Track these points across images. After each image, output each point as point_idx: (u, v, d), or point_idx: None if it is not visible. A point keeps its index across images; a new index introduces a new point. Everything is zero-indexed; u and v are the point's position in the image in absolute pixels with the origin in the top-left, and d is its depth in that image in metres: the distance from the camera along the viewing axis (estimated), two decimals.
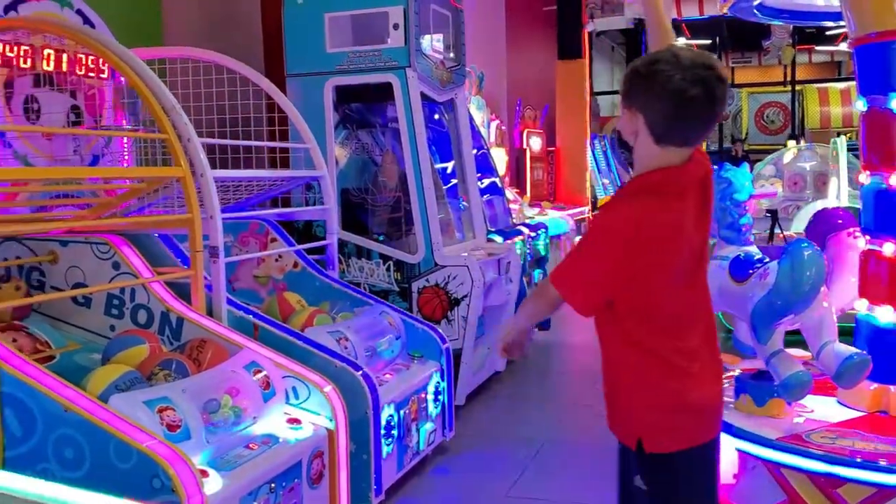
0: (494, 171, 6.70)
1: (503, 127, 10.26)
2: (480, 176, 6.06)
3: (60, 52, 3.75)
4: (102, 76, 4.02)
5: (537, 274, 6.41)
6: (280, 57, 5.03)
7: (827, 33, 13.47)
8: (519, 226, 6.57)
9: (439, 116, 5.69)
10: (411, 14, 4.72)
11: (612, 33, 16.68)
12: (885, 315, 3.02)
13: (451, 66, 5.37)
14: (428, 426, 3.86)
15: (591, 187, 12.79)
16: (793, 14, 3.91)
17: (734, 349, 3.37)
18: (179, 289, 3.21)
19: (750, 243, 3.17)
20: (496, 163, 7.27)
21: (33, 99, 3.70)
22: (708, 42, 15.97)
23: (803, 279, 2.68)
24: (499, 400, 5.10)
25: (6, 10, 3.54)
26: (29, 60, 3.63)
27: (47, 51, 3.69)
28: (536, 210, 9.51)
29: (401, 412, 3.58)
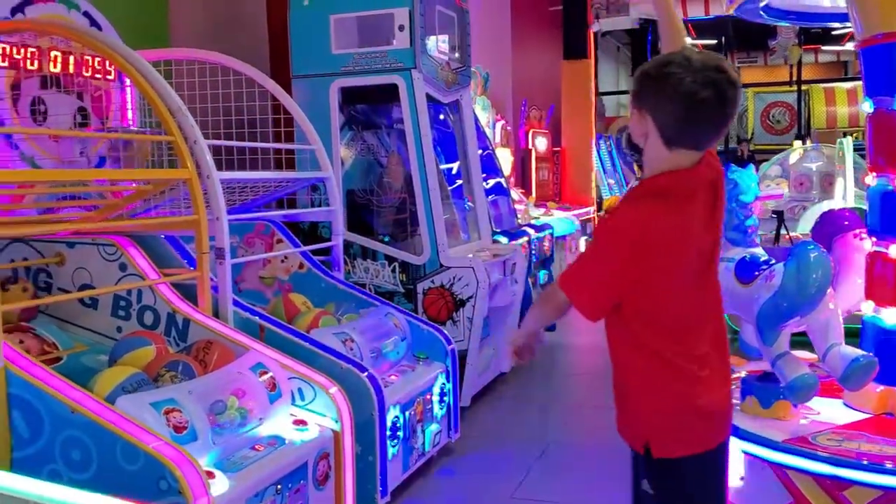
0: (499, 172, 6.71)
1: (508, 127, 10.26)
2: (485, 176, 6.06)
3: (67, 54, 3.76)
4: (109, 78, 4.03)
5: (542, 275, 6.41)
6: (286, 58, 5.04)
7: (833, 33, 13.46)
8: (524, 226, 6.58)
9: (444, 117, 5.69)
10: (417, 15, 4.72)
11: (618, 33, 16.67)
12: (892, 317, 3.01)
13: (457, 68, 5.37)
14: (433, 427, 3.87)
15: (597, 187, 12.78)
16: (799, 15, 3.90)
17: (740, 351, 3.36)
18: (186, 290, 3.22)
19: (756, 245, 3.16)
20: (501, 163, 7.28)
21: (40, 101, 3.71)
22: (713, 42, 15.95)
23: (809, 281, 2.67)
24: (504, 401, 5.10)
25: (13, 13, 3.55)
26: (36, 62, 3.64)
27: (54, 53, 3.70)
28: (542, 210, 9.51)
29: (406, 413, 3.58)
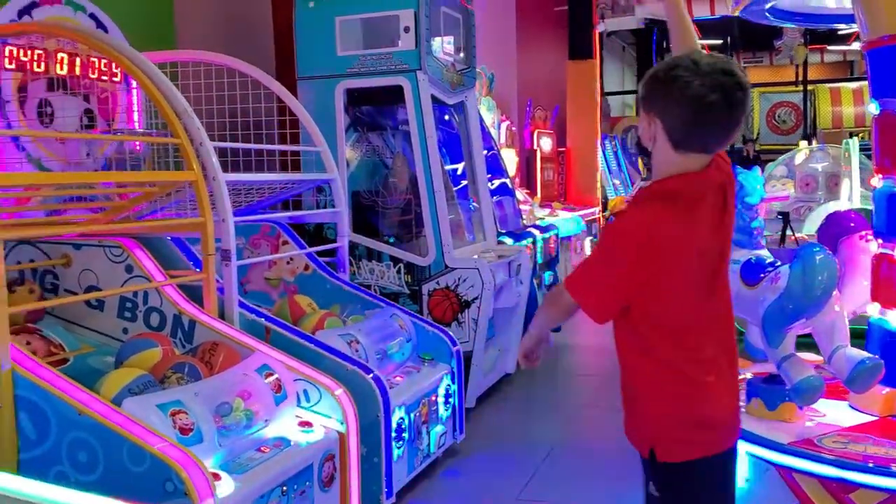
0: (504, 172, 6.71)
1: (513, 128, 10.26)
2: (490, 177, 6.06)
3: (74, 56, 3.78)
4: (115, 80, 4.04)
5: (547, 276, 6.41)
6: (291, 60, 5.05)
7: (839, 33, 13.41)
8: (529, 227, 6.57)
9: (449, 117, 5.69)
10: (422, 17, 4.73)
11: (623, 33, 16.66)
12: None
13: (462, 69, 5.37)
14: (438, 429, 3.87)
15: (602, 188, 12.77)
16: (805, 16, 3.89)
17: (745, 352, 3.35)
18: (191, 292, 3.23)
19: (761, 247, 3.16)
20: (506, 164, 7.28)
21: (47, 103, 3.73)
22: (719, 42, 15.94)
23: (815, 283, 2.67)
24: (509, 402, 5.10)
25: (20, 15, 3.57)
26: (42, 64, 3.66)
27: (61, 55, 3.72)
28: (547, 211, 9.50)
29: (411, 415, 3.59)
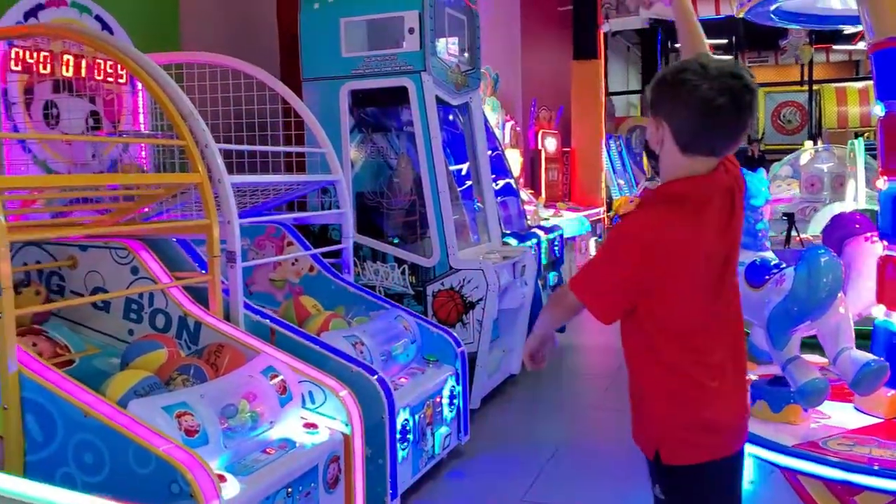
0: (509, 173, 6.71)
1: (518, 128, 10.26)
2: (495, 177, 6.05)
3: (79, 58, 3.79)
4: (121, 82, 4.06)
5: (552, 277, 6.41)
6: (296, 61, 5.06)
7: (844, 32, 13.38)
8: (534, 228, 6.57)
9: (454, 117, 5.69)
10: (426, 18, 4.73)
11: (628, 33, 16.65)
12: None
13: (467, 70, 5.38)
14: (443, 430, 3.88)
15: (607, 188, 12.77)
16: (809, 18, 3.89)
17: (750, 354, 3.35)
18: (197, 293, 3.24)
19: (766, 249, 3.16)
20: (511, 164, 7.28)
21: (53, 104, 3.74)
22: (724, 41, 15.92)
23: (820, 286, 2.67)
24: (514, 403, 5.10)
25: (26, 17, 3.58)
26: (49, 66, 3.68)
27: (66, 56, 3.73)
28: (552, 211, 9.50)
29: (416, 416, 3.59)
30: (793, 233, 6.81)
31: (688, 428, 1.86)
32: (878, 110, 3.11)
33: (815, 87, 16.07)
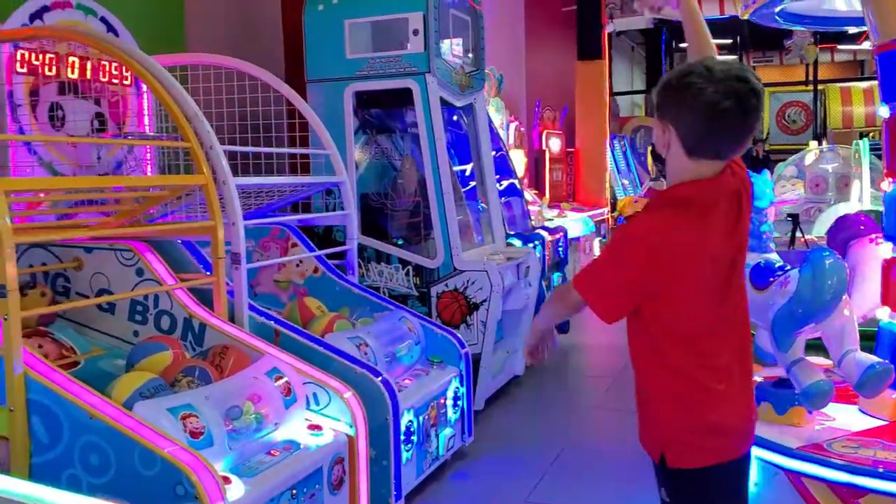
0: (513, 173, 6.71)
1: (522, 128, 10.26)
2: (499, 178, 6.05)
3: (85, 60, 3.80)
4: (126, 83, 4.07)
5: (556, 277, 6.41)
6: (301, 63, 5.06)
7: (849, 32, 13.36)
8: (538, 229, 6.57)
9: (458, 118, 5.69)
10: (431, 20, 4.73)
11: (632, 33, 16.65)
12: None
13: (471, 71, 5.38)
14: (447, 431, 3.88)
15: (611, 188, 12.76)
16: (814, 19, 3.88)
17: (755, 356, 3.34)
18: (202, 294, 3.24)
19: (770, 250, 3.16)
20: (515, 164, 7.28)
21: (58, 106, 3.75)
22: (729, 41, 15.91)
23: (825, 288, 2.67)
24: (518, 404, 5.10)
25: (31, 19, 3.59)
26: (54, 68, 3.69)
27: (72, 58, 3.75)
28: (556, 212, 9.50)
29: (420, 418, 3.59)
30: (797, 234, 6.79)
31: (693, 431, 1.86)
32: (884, 112, 3.10)
33: (820, 87, 16.04)
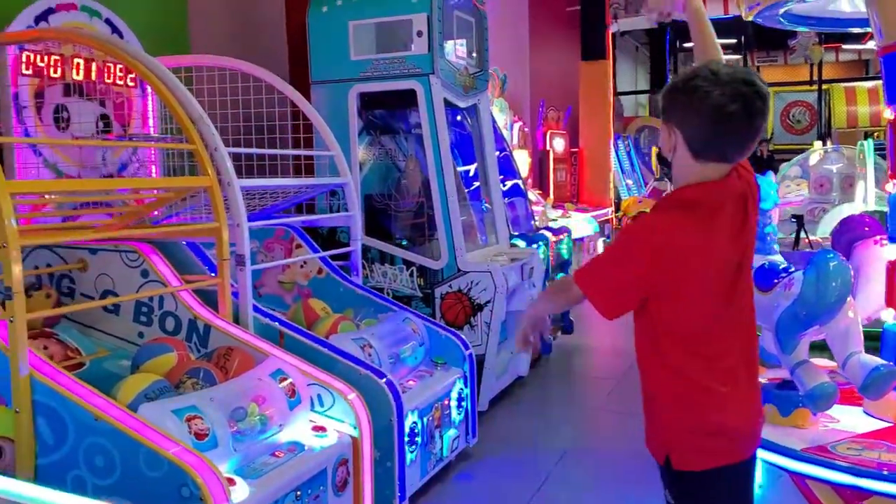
0: (517, 174, 6.71)
1: (526, 128, 10.26)
2: (503, 178, 6.06)
3: (90, 62, 3.82)
4: (130, 85, 4.08)
5: (560, 278, 6.40)
6: (305, 64, 5.08)
7: (853, 32, 13.32)
8: (542, 229, 6.57)
9: (462, 118, 5.70)
10: (435, 21, 4.74)
11: (636, 33, 16.60)
12: None
13: (475, 72, 5.38)
14: (451, 433, 3.88)
15: (615, 188, 12.76)
16: (818, 20, 3.88)
17: (759, 358, 3.34)
18: (206, 296, 3.25)
19: (774, 252, 3.16)
20: (519, 165, 7.28)
21: (63, 108, 3.76)
22: (733, 41, 15.87)
23: (829, 290, 2.66)
24: (522, 405, 5.10)
25: (37, 21, 3.61)
26: (59, 70, 3.70)
27: (77, 60, 3.76)
28: (560, 212, 9.50)
29: (424, 419, 3.60)
30: (802, 235, 6.78)
31: (694, 432, 1.87)
32: (888, 114, 3.10)
33: (825, 87, 16.00)
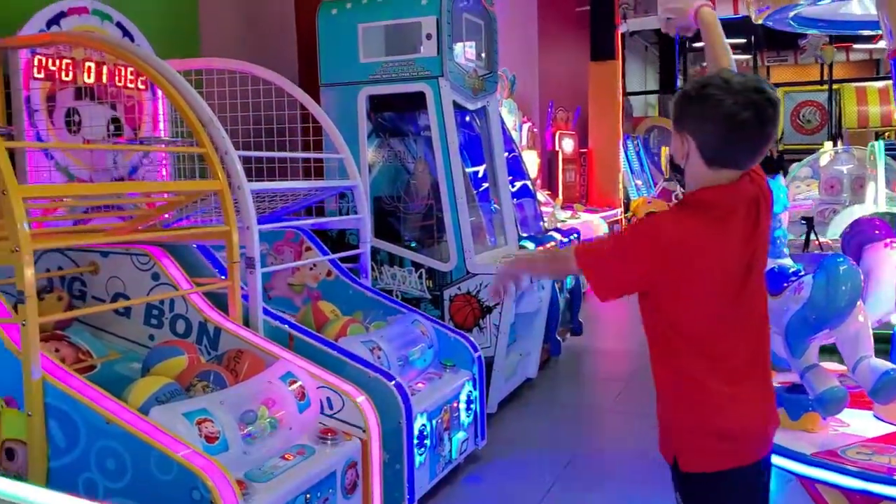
0: (526, 174, 6.71)
1: (535, 129, 10.25)
2: (512, 179, 6.06)
3: (101, 65, 3.84)
4: (141, 88, 4.10)
5: (569, 280, 6.39)
6: (314, 67, 5.09)
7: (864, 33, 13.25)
8: (551, 231, 6.57)
9: (471, 119, 5.70)
10: (444, 24, 4.74)
11: (646, 33, 16.54)
12: None
13: (484, 74, 5.38)
14: (460, 435, 3.89)
15: (624, 189, 12.73)
16: (829, 23, 3.87)
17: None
18: (217, 298, 3.26)
19: (784, 256, 3.15)
20: (528, 165, 7.28)
21: (74, 111, 3.78)
22: (743, 41, 15.81)
23: (839, 294, 2.65)
24: (531, 407, 5.10)
25: (48, 25, 3.63)
26: (70, 73, 3.72)
27: (88, 63, 3.78)
28: (569, 213, 9.49)
29: (433, 421, 3.60)
30: (812, 237, 6.75)
31: (697, 433, 1.88)
32: None
33: (835, 87, 15.92)
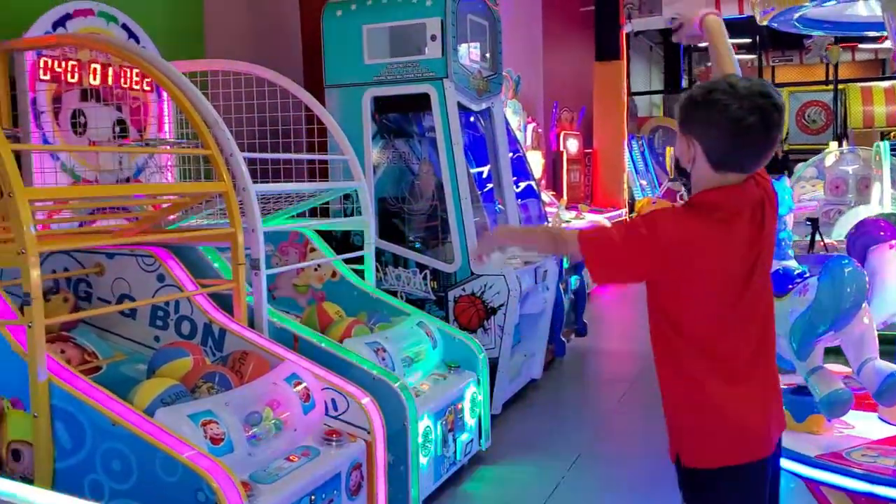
0: (530, 175, 6.71)
1: (539, 129, 10.25)
2: (516, 179, 6.06)
3: (106, 67, 3.85)
4: (146, 89, 4.11)
5: (574, 280, 6.40)
6: (319, 68, 5.10)
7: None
8: None
9: (475, 120, 5.70)
10: (448, 25, 4.74)
11: (650, 33, 16.54)
12: None
13: (488, 75, 5.39)
14: (465, 436, 3.89)
15: (629, 189, 12.73)
16: (834, 24, 3.87)
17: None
18: (222, 300, 3.27)
19: (789, 258, 3.15)
20: (532, 166, 7.27)
21: (80, 113, 3.80)
22: (748, 41, 15.80)
23: (843, 296, 2.66)
24: (535, 408, 5.10)
25: (54, 27, 3.64)
26: (76, 75, 3.74)
27: (94, 65, 3.79)
28: (573, 213, 9.49)
29: (438, 423, 3.60)
30: (817, 237, 6.73)
31: (697, 430, 1.90)
32: None
33: (841, 87, 15.89)
